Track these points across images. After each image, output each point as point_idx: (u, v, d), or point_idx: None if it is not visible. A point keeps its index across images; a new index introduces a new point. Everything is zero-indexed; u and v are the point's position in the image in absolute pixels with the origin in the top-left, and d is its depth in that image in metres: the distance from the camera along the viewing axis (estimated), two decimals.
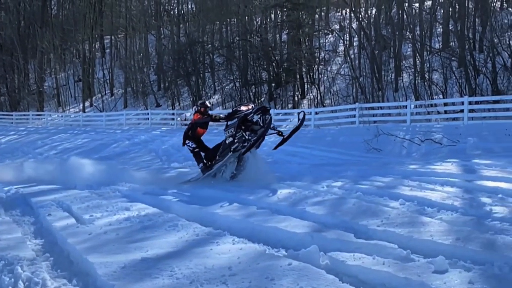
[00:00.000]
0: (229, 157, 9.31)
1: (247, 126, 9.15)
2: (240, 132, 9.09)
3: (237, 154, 9.19)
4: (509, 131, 14.28)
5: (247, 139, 9.03)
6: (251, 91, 31.52)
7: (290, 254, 4.25)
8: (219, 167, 9.55)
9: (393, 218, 5.23)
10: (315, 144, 16.48)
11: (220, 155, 9.53)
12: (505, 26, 24.38)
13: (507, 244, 4.17)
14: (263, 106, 9.69)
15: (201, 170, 9.90)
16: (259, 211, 5.99)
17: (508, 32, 23.87)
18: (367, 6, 33.95)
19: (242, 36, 34.04)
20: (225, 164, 9.46)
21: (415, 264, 3.74)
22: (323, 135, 19.06)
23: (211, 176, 9.63)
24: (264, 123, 9.12)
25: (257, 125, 9.18)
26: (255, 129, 9.17)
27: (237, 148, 9.13)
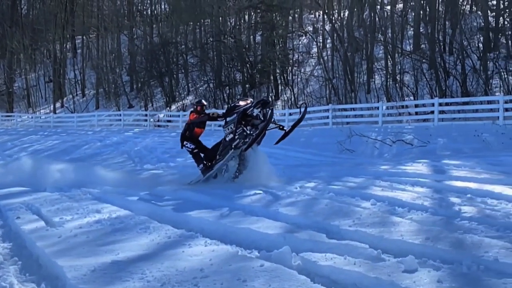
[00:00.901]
0: (230, 155, 8.99)
1: (247, 121, 8.81)
2: (241, 128, 8.75)
3: (238, 151, 8.87)
4: (478, 132, 14.58)
5: (249, 134, 8.67)
6: (225, 92, 31.47)
7: (263, 255, 4.24)
8: (220, 167, 9.23)
9: (365, 218, 5.28)
10: (290, 145, 16.50)
11: (220, 154, 9.20)
12: (474, 29, 24.90)
13: (475, 243, 4.25)
14: (263, 99, 9.37)
15: (201, 171, 9.57)
16: (232, 213, 5.98)
17: (477, 34, 24.39)
18: (340, 9, 34.30)
19: (216, 37, 33.97)
20: (226, 162, 9.13)
21: (386, 264, 3.78)
22: (297, 136, 19.07)
23: (212, 177, 9.34)
24: (265, 117, 8.78)
25: (258, 119, 8.85)
26: (255, 123, 8.83)
27: (238, 144, 8.79)
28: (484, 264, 3.72)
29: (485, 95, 19.74)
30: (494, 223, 4.91)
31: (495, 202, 5.90)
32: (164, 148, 18.06)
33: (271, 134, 9.87)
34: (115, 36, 41.47)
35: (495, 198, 6.09)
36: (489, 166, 8.78)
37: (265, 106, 8.94)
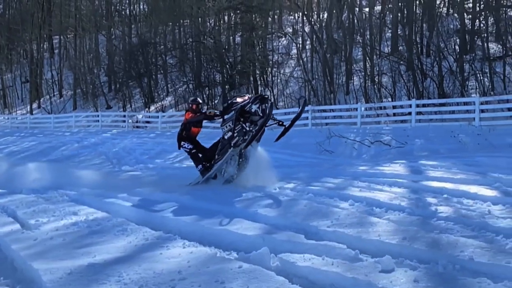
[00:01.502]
0: (230, 154, 8.72)
1: (245, 118, 8.53)
2: (239, 125, 8.46)
3: (238, 149, 8.58)
4: (454, 133, 14.78)
5: (248, 130, 8.39)
6: (205, 93, 31.38)
7: (241, 256, 4.24)
8: (219, 167, 8.96)
9: (343, 218, 5.32)
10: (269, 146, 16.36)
11: (219, 153, 8.93)
12: (450, 31, 25.26)
13: (451, 242, 4.31)
14: (261, 95, 9.00)
15: (200, 172, 9.33)
16: (211, 214, 5.95)
17: (453, 37, 24.75)
18: (319, 10, 34.48)
19: (195, 37, 33.86)
20: (226, 162, 8.86)
21: (363, 264, 3.81)
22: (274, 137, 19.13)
23: (212, 178, 9.11)
24: (264, 112, 8.49)
25: (257, 115, 8.55)
26: (254, 120, 8.54)
27: (237, 142, 8.51)
28: (460, 264, 3.78)
29: (462, 96, 20.06)
30: (470, 223, 4.98)
31: (470, 202, 5.99)
32: (142, 150, 17.92)
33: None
34: (93, 36, 41.05)
35: (471, 198, 6.18)
36: (465, 167, 8.90)
37: (263, 101, 8.64)
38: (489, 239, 4.40)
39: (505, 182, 7.03)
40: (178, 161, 14.84)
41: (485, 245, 4.17)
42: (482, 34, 23.75)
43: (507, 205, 5.70)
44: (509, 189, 6.64)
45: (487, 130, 14.69)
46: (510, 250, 4.07)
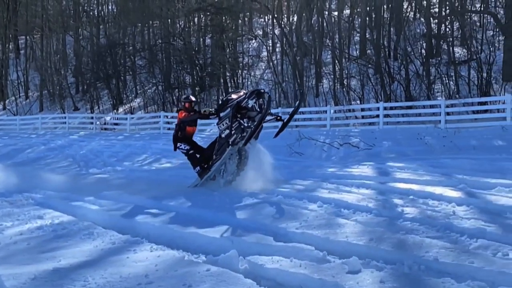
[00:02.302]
0: (228, 153, 8.38)
1: (242, 114, 8.21)
2: (237, 122, 8.15)
3: (236, 147, 8.25)
4: (421, 135, 15.05)
5: (247, 126, 8.08)
6: (174, 95, 31.17)
7: (209, 259, 4.23)
8: (218, 167, 8.59)
9: (311, 220, 5.35)
10: None
11: (217, 153, 8.55)
12: (417, 35, 25.73)
13: (417, 243, 4.39)
14: (257, 89, 8.62)
15: (198, 174, 8.95)
16: (179, 217, 5.93)
17: (420, 41, 25.23)
18: (289, 13, 34.69)
19: (165, 39, 33.62)
20: (224, 162, 8.51)
21: (330, 265, 3.84)
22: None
23: (210, 179, 8.75)
24: (261, 107, 8.18)
25: (254, 111, 8.21)
26: (252, 115, 8.22)
27: (235, 140, 8.19)
28: (425, 264, 3.85)
29: (428, 99, 20.46)
30: (435, 223, 5.08)
31: (436, 203, 6.10)
32: (110, 152, 17.67)
33: None
34: (60, 37, 40.33)
35: (436, 199, 6.30)
36: (431, 168, 9.06)
37: (260, 96, 8.27)
38: (453, 240, 4.49)
39: (469, 183, 7.19)
40: (147, 164, 14.69)
41: (450, 246, 4.26)
42: (448, 38, 24.29)
43: (471, 206, 5.83)
44: (473, 190, 6.79)
45: (452, 133, 15.02)
46: (473, 250, 4.16)
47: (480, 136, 14.36)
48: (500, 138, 13.75)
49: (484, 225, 4.90)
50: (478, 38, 22.76)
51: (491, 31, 24.06)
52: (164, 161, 14.95)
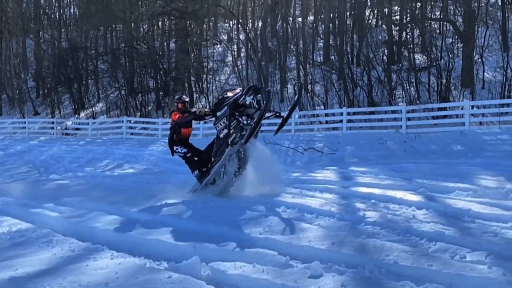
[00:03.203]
0: (227, 154, 7.94)
1: (240, 112, 7.80)
2: (235, 120, 7.74)
3: (236, 147, 7.81)
4: (383, 140, 15.31)
5: (246, 124, 7.68)
6: (138, 100, 30.83)
7: (171, 266, 4.18)
8: (218, 170, 8.12)
9: (275, 225, 5.37)
10: None
11: (215, 155, 8.13)
12: (379, 42, 26.23)
13: (378, 247, 4.45)
14: (254, 85, 8.28)
15: (197, 178, 8.50)
16: (141, 224, 5.84)
17: (382, 47, 25.71)
18: (254, 19, 34.82)
19: (128, 42, 33.22)
20: (224, 163, 8.04)
21: (293, 270, 3.85)
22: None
23: (210, 183, 8.25)
24: (259, 104, 7.74)
25: (252, 108, 7.81)
26: (250, 113, 7.82)
27: (235, 139, 7.76)
28: (385, 268, 3.90)
29: (389, 105, 20.84)
30: (395, 227, 5.16)
31: (396, 207, 6.21)
32: (72, 158, 17.31)
33: None
34: (20, 40, 39.33)
35: (397, 203, 6.41)
36: (392, 173, 9.22)
37: (257, 92, 7.84)
38: (413, 243, 4.57)
39: (429, 188, 7.35)
40: (109, 169, 14.45)
41: (409, 249, 4.33)
42: (409, 45, 24.84)
43: (430, 209, 5.95)
44: (432, 194, 6.94)
45: (413, 137, 15.34)
46: (432, 253, 4.25)
47: (440, 141, 14.72)
48: (459, 143, 14.12)
49: (443, 229, 5.01)
50: (437, 45, 23.32)
51: (450, 38, 24.70)
52: (126, 166, 14.75)
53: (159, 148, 18.96)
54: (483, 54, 21.65)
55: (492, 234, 4.84)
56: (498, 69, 20.25)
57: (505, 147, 13.11)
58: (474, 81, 20.56)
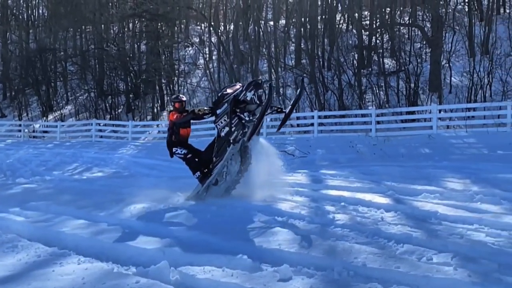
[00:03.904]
0: (230, 152, 7.65)
1: (241, 109, 7.51)
2: (236, 117, 7.46)
3: (238, 145, 7.58)
4: (353, 143, 15.48)
5: (249, 120, 7.42)
6: (108, 102, 30.45)
7: (139, 271, 4.13)
8: (220, 170, 7.80)
9: (245, 229, 5.36)
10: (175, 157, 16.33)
11: (217, 154, 7.80)
12: (349, 46, 26.54)
13: (346, 249, 4.49)
14: (254, 80, 7.99)
15: (199, 180, 8.11)
16: (110, 228, 5.76)
17: (352, 52, 26.02)
18: (226, 22, 34.81)
19: (98, 44, 32.80)
20: (226, 163, 7.76)
21: (262, 274, 3.85)
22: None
23: (212, 184, 7.94)
24: (261, 99, 7.52)
25: (253, 104, 7.54)
26: (251, 109, 7.56)
27: (237, 137, 7.50)
28: (354, 270, 3.94)
29: (359, 108, 21.10)
30: (364, 229, 5.21)
31: (365, 209, 6.28)
32: (39, 161, 16.96)
33: (154, 149, 9.49)
34: None
35: (366, 205, 6.48)
36: (362, 175, 9.31)
37: (258, 87, 7.60)
38: (381, 245, 4.63)
39: (397, 190, 7.45)
40: (78, 173, 14.20)
41: (378, 251, 4.39)
42: (378, 50, 25.20)
43: (398, 212, 6.03)
44: (401, 197, 7.04)
45: (382, 141, 15.55)
46: (400, 255, 4.30)
47: (408, 144, 14.95)
48: (427, 146, 14.37)
49: (410, 231, 5.09)
50: (406, 50, 23.73)
51: (418, 43, 25.16)
52: (95, 170, 14.52)
53: (129, 151, 18.76)
54: (450, 59, 22.13)
55: (458, 236, 4.94)
56: (465, 73, 20.71)
57: (471, 150, 13.40)
58: (442, 86, 20.98)
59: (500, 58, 20.12)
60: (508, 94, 18.74)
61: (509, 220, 5.48)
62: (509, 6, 27.78)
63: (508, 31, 22.72)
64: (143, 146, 20.18)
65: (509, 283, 3.70)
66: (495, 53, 20.62)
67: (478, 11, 26.10)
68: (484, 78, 19.63)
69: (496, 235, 4.93)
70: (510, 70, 19.38)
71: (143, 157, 16.32)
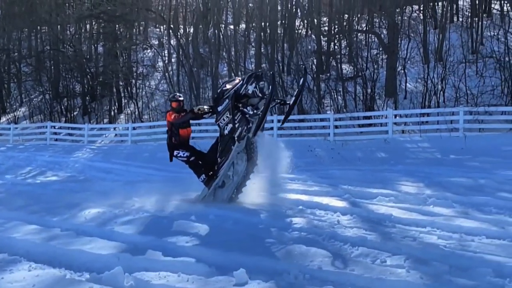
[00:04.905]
0: (235, 151, 7.27)
1: (243, 103, 7.13)
2: (239, 113, 7.06)
3: (244, 142, 7.19)
4: (312, 147, 15.64)
5: (253, 114, 7.03)
6: (63, 104, 29.76)
7: (93, 277, 4.05)
8: (226, 170, 7.42)
9: (202, 234, 5.34)
10: (132, 161, 16.11)
11: (221, 154, 7.41)
12: (309, 51, 26.83)
13: (303, 253, 4.52)
14: (254, 72, 7.56)
15: (204, 183, 7.74)
16: (63, 233, 5.62)
17: (311, 57, 26.31)
18: (185, 25, 34.58)
19: (54, 45, 31.98)
20: (232, 162, 7.37)
21: (218, 279, 3.84)
22: (140, 151, 18.75)
23: (219, 187, 7.55)
24: (263, 91, 7.20)
25: (256, 97, 7.18)
26: (254, 103, 7.19)
27: (241, 134, 7.09)
28: (309, 273, 3.98)
29: (318, 113, 21.34)
30: (321, 233, 5.28)
31: (322, 213, 6.36)
32: None
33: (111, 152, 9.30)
34: None
35: (323, 209, 6.56)
36: (320, 179, 9.43)
37: (259, 79, 7.27)
38: (337, 248, 4.69)
39: (353, 193, 7.58)
40: (31, 177, 13.79)
41: (333, 254, 4.44)
42: (336, 55, 25.58)
43: (354, 215, 6.14)
44: (357, 200, 7.17)
45: (340, 145, 15.79)
46: (355, 258, 4.37)
47: (365, 148, 15.23)
48: (383, 150, 14.67)
49: (365, 234, 5.18)
50: (363, 56, 24.16)
51: (375, 50, 25.65)
52: (50, 174, 14.13)
53: (84, 155, 18.38)
54: (406, 65, 22.67)
55: (411, 238, 5.06)
56: (419, 80, 21.27)
57: (425, 154, 13.76)
58: (397, 91, 21.47)
59: (453, 65, 20.76)
60: (461, 100, 19.34)
61: (460, 223, 5.66)
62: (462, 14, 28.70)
63: (461, 38, 23.50)
64: (99, 150, 19.81)
65: (460, 284, 3.81)
66: (448, 60, 21.26)
67: (432, 19, 26.84)
68: (437, 85, 20.19)
69: (447, 238, 5.08)
70: (463, 76, 20.03)
71: (99, 161, 16.02)
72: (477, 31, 24.13)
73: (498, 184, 8.27)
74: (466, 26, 25.71)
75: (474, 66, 21.83)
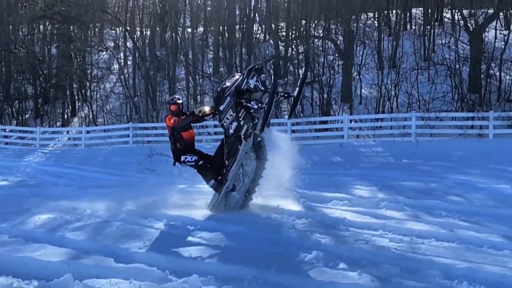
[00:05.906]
0: (242, 150, 6.92)
1: (246, 99, 6.87)
2: (242, 110, 6.74)
3: (251, 140, 6.85)
4: None
5: (258, 108, 6.74)
6: (14, 107, 28.85)
7: (41, 285, 3.94)
8: (235, 173, 7.05)
9: (156, 239, 5.28)
10: (85, 165, 15.74)
11: (229, 156, 7.08)
12: (266, 56, 26.96)
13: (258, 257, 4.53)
14: (254, 65, 7.16)
15: (214, 188, 7.32)
16: (10, 240, 5.45)
17: (269, 62, 26.44)
18: (142, 27, 34.16)
19: (5, 46, 30.96)
20: (240, 163, 7.04)
21: (171, 285, 3.80)
22: (94, 155, 18.37)
23: (230, 191, 7.16)
24: (265, 84, 6.91)
25: (258, 91, 6.88)
26: (257, 97, 6.89)
27: (248, 131, 6.76)
28: (263, 278, 3.99)
29: (276, 117, 21.45)
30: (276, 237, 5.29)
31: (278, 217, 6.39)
32: None
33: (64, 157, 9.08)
34: None
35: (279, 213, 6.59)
36: None
37: (260, 72, 6.98)
38: (291, 252, 4.73)
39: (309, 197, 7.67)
40: None
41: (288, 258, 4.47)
42: (294, 61, 25.82)
43: (309, 218, 6.24)
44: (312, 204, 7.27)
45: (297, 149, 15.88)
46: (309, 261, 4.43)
47: (321, 153, 15.39)
48: (338, 154, 14.89)
49: (320, 237, 5.24)
50: (320, 61, 24.48)
51: (331, 56, 26.03)
52: None
53: (36, 158, 17.86)
54: (361, 71, 23.11)
55: (364, 241, 5.15)
56: (374, 86, 21.73)
57: (379, 158, 14.05)
58: (353, 97, 21.84)
59: (406, 72, 21.32)
60: (413, 106, 19.86)
61: (410, 226, 5.80)
62: (415, 22, 29.49)
63: (414, 46, 24.15)
64: (51, 154, 19.28)
65: (409, 286, 3.90)
66: (402, 66, 21.83)
67: (386, 27, 27.50)
68: (391, 90, 20.68)
69: (398, 241, 5.19)
70: (415, 83, 20.58)
71: (52, 165, 15.59)
72: (429, 38, 24.84)
73: (448, 188, 8.54)
74: (419, 33, 26.43)
75: (426, 72, 22.45)
